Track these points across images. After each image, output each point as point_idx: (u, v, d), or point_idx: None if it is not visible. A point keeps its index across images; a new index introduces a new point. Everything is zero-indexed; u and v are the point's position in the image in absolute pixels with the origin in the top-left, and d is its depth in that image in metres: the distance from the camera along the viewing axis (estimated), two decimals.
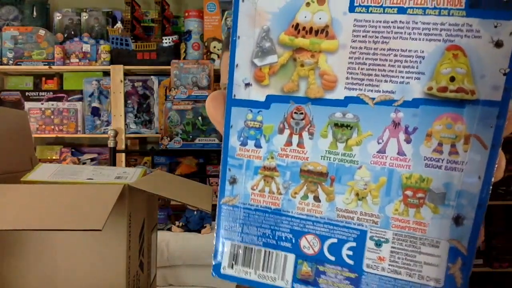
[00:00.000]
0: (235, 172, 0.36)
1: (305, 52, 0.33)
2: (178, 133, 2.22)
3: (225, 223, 0.37)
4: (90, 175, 0.69)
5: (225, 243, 0.36)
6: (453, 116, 0.30)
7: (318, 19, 0.32)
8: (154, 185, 0.69)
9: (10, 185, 0.61)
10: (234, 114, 0.35)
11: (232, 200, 0.36)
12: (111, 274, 0.64)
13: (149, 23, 2.46)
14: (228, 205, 0.37)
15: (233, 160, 0.35)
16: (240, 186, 0.36)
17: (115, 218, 0.62)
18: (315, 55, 0.32)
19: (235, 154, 0.35)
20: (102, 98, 2.37)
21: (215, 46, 2.32)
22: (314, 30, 0.32)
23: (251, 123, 0.34)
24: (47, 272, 0.65)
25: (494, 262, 2.37)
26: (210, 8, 2.31)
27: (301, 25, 0.32)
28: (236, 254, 0.36)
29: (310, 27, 0.32)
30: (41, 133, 2.35)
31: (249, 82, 0.34)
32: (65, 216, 0.54)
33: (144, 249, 0.75)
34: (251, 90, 0.34)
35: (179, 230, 1.65)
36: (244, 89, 0.34)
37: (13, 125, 0.80)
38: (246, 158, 0.35)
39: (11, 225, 0.52)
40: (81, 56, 2.31)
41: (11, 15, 2.45)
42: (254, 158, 0.35)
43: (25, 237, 0.64)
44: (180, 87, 2.25)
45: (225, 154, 0.36)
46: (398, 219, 0.32)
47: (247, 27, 0.35)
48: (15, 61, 2.32)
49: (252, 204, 0.36)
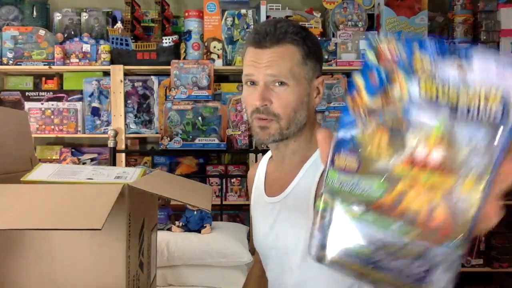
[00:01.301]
0: None
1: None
2: (178, 133, 2.22)
3: None
4: (90, 175, 0.69)
5: None
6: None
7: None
8: (154, 185, 0.69)
9: (10, 185, 0.61)
10: None
11: None
12: (111, 274, 0.64)
13: (149, 23, 2.46)
14: None
15: None
16: None
17: (115, 218, 0.62)
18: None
19: None
20: (102, 98, 2.37)
21: (215, 46, 2.32)
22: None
23: None
24: (47, 271, 0.65)
25: (494, 262, 2.37)
26: (210, 8, 2.31)
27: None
28: None
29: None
30: (41, 133, 2.35)
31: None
32: (65, 216, 0.54)
33: (144, 249, 0.75)
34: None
35: (179, 230, 1.65)
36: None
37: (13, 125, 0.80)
38: None
39: (11, 225, 0.52)
40: (81, 56, 2.31)
41: (11, 15, 2.45)
42: None
43: (25, 237, 0.64)
44: (180, 87, 2.25)
45: None
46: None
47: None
48: (15, 61, 2.32)
49: None
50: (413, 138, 0.33)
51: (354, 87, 0.36)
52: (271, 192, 0.97)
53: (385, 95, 0.35)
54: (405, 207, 0.33)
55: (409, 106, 0.34)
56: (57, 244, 0.64)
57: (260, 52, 0.87)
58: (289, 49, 0.87)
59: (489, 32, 2.38)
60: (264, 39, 0.86)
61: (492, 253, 2.38)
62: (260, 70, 0.86)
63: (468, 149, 0.31)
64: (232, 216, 2.41)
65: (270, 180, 1.01)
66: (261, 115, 0.87)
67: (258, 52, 0.87)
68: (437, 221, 0.32)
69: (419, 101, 0.33)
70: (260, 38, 0.87)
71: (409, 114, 0.33)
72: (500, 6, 2.39)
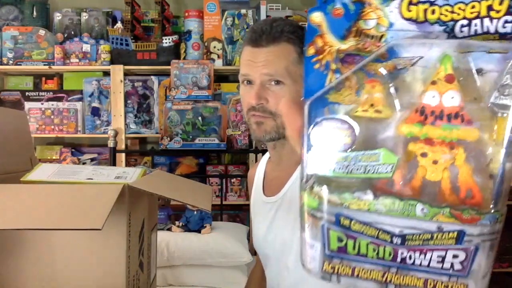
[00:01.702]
0: None
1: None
2: (178, 133, 2.22)
3: None
4: (90, 175, 0.69)
5: None
6: None
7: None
8: (154, 185, 0.69)
9: (10, 185, 0.61)
10: None
11: None
12: (111, 274, 0.64)
13: (149, 23, 2.46)
14: None
15: None
16: None
17: (115, 218, 0.62)
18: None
19: None
20: (102, 98, 2.37)
21: (215, 46, 2.32)
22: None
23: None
24: (47, 271, 0.65)
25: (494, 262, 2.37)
26: (210, 8, 2.31)
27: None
28: None
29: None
30: (41, 133, 2.34)
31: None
32: (65, 216, 0.54)
33: (144, 249, 0.75)
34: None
35: (179, 230, 1.65)
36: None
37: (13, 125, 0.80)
38: None
39: (11, 225, 0.52)
40: (81, 56, 2.31)
41: (11, 15, 2.45)
42: None
43: (25, 237, 0.64)
44: (180, 87, 2.25)
45: None
46: None
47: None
48: (15, 61, 2.32)
49: None
50: (414, 80, 0.26)
51: (314, 31, 0.28)
52: (269, 192, 0.97)
53: (357, 30, 0.27)
54: (422, 179, 0.26)
55: (393, 35, 0.26)
56: (57, 244, 0.64)
57: (257, 51, 0.87)
58: (285, 48, 0.87)
59: None
60: (260, 38, 0.86)
61: None
62: (256, 69, 0.86)
63: (485, 79, 0.25)
64: (232, 216, 2.41)
65: (268, 180, 1.01)
66: (257, 113, 0.87)
67: (254, 51, 0.87)
68: (463, 191, 0.25)
69: (405, 24, 0.26)
70: (257, 37, 0.87)
71: (398, 48, 0.26)
72: None
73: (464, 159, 0.25)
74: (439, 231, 0.26)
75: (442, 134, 0.25)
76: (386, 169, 0.26)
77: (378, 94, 0.27)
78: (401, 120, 0.26)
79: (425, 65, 0.25)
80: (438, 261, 0.27)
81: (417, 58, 0.26)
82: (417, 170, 0.26)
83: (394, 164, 0.26)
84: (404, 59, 0.26)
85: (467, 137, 0.25)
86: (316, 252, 0.29)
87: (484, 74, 0.25)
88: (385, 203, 0.26)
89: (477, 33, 0.26)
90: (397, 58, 0.26)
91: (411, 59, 0.26)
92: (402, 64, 0.26)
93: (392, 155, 0.26)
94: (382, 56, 0.26)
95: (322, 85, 0.28)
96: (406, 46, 0.26)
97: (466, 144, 0.25)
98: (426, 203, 0.26)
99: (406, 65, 0.26)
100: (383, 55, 0.26)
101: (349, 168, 0.27)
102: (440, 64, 0.25)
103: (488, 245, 0.27)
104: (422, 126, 0.26)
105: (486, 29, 0.26)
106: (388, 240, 0.27)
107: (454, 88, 0.25)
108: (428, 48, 0.25)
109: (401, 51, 0.26)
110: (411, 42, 0.26)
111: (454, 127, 0.25)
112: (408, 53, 0.26)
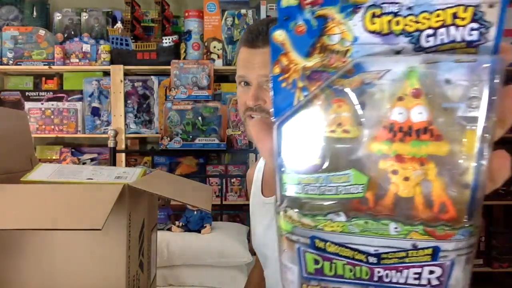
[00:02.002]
0: None
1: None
2: (178, 133, 2.22)
3: None
4: (90, 175, 0.69)
5: None
6: None
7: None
8: (154, 185, 0.69)
9: (10, 185, 0.61)
10: None
11: None
12: (111, 274, 0.64)
13: (149, 23, 2.46)
14: None
15: None
16: None
17: (115, 218, 0.62)
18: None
19: None
20: (102, 98, 2.37)
21: (215, 46, 2.32)
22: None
23: None
24: (47, 271, 0.65)
25: (494, 262, 2.37)
26: (210, 8, 2.31)
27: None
28: None
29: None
30: (41, 133, 2.35)
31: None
32: (65, 216, 0.54)
33: (144, 249, 0.75)
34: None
35: (179, 230, 1.65)
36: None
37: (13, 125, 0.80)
38: None
39: (11, 225, 0.52)
40: (81, 56, 2.31)
41: (11, 15, 2.45)
42: None
43: (25, 237, 0.64)
44: (180, 87, 2.25)
45: None
46: None
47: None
48: (15, 61, 2.32)
49: None
50: (382, 95, 0.25)
51: (278, 50, 0.27)
52: (267, 192, 0.97)
53: (322, 46, 0.27)
54: (394, 197, 0.26)
55: (358, 49, 0.26)
56: (57, 244, 0.64)
57: (253, 52, 0.86)
58: None
59: None
60: (256, 39, 0.86)
61: (492, 253, 2.38)
62: (253, 71, 0.86)
63: (453, 92, 0.24)
64: (232, 216, 2.41)
65: (266, 180, 1.01)
66: (254, 113, 0.87)
67: (251, 52, 0.87)
68: (437, 206, 0.25)
69: (369, 37, 0.26)
70: (253, 37, 0.86)
71: (364, 63, 0.25)
72: None
73: (436, 174, 0.25)
74: (414, 249, 0.26)
75: (412, 151, 0.25)
76: (357, 189, 0.26)
77: (345, 114, 0.26)
78: (370, 138, 0.26)
79: (392, 78, 0.25)
80: (415, 278, 0.26)
81: (384, 71, 0.25)
82: (389, 187, 0.26)
83: (364, 184, 0.26)
84: (371, 73, 0.25)
85: (437, 151, 0.25)
86: (293, 275, 0.29)
87: (453, 86, 0.25)
88: (358, 223, 0.26)
89: (444, 42, 0.25)
90: (364, 73, 0.26)
91: (378, 73, 0.25)
92: (369, 78, 0.26)
93: (362, 175, 0.26)
94: (348, 72, 0.26)
95: (291, 104, 0.28)
96: (372, 61, 0.26)
97: (437, 158, 0.25)
98: (399, 222, 0.26)
99: (373, 79, 0.25)
100: (349, 71, 0.26)
101: (321, 190, 0.27)
102: (406, 79, 0.25)
103: (464, 259, 0.26)
104: (392, 143, 0.25)
105: (453, 38, 0.25)
106: (364, 260, 0.27)
107: (421, 103, 0.25)
108: (394, 61, 0.25)
109: (368, 66, 0.26)
110: (377, 59, 0.26)
111: (423, 143, 0.25)
112: (375, 66, 0.25)
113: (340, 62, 0.26)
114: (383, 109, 0.25)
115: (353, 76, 0.26)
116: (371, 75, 0.26)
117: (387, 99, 0.25)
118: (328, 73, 0.27)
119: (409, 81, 0.25)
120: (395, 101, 0.25)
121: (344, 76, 0.26)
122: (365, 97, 0.26)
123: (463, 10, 0.25)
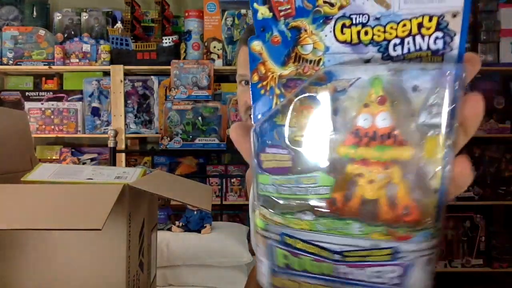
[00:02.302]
0: None
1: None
2: (178, 133, 2.22)
3: None
4: (90, 175, 0.69)
5: None
6: None
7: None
8: (154, 185, 0.69)
9: (10, 185, 0.61)
10: None
11: None
12: (111, 274, 0.64)
13: (149, 23, 2.46)
14: None
15: None
16: None
17: (115, 218, 0.62)
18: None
19: None
20: (102, 98, 2.37)
21: (215, 46, 2.32)
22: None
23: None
24: (47, 272, 0.65)
25: (494, 262, 2.37)
26: (210, 8, 2.31)
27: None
28: None
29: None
30: (41, 133, 2.35)
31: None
32: (65, 216, 0.54)
33: (144, 249, 0.75)
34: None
35: (179, 230, 1.65)
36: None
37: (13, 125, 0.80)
38: None
39: (11, 225, 0.52)
40: (81, 56, 2.31)
41: (11, 15, 2.45)
42: None
43: (25, 237, 0.64)
44: (180, 87, 2.25)
45: None
46: None
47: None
48: (15, 61, 2.32)
49: None
50: (351, 102, 0.27)
51: (256, 59, 0.29)
52: None
53: (296, 56, 0.28)
54: (360, 199, 0.27)
55: (330, 58, 0.27)
56: (57, 244, 0.64)
57: None
58: None
59: (489, 32, 2.38)
60: None
61: (492, 253, 2.38)
62: None
63: (417, 100, 0.25)
64: (232, 216, 2.41)
65: None
66: None
67: None
68: (400, 208, 0.26)
69: (340, 47, 0.27)
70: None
71: (335, 71, 0.27)
72: (500, 6, 2.39)
73: (400, 177, 0.26)
74: (375, 248, 0.27)
75: (376, 155, 0.26)
76: (325, 190, 0.27)
77: (314, 119, 0.28)
78: (338, 142, 0.27)
79: (361, 86, 0.26)
80: (376, 276, 0.28)
81: (354, 79, 0.26)
82: (355, 189, 0.27)
83: (331, 185, 0.27)
84: (343, 81, 0.27)
85: (401, 156, 0.26)
86: (265, 268, 0.31)
87: (419, 93, 0.25)
88: (324, 222, 0.28)
89: (410, 51, 0.26)
90: (337, 80, 0.27)
91: (348, 81, 0.27)
92: (341, 86, 0.27)
93: (328, 177, 0.27)
94: (321, 79, 0.27)
95: (269, 110, 0.29)
96: (342, 69, 0.27)
97: (401, 163, 0.26)
98: (363, 222, 0.27)
99: (344, 86, 0.27)
100: (321, 78, 0.27)
101: (292, 190, 0.28)
102: (371, 87, 0.26)
103: (425, 260, 0.27)
104: (358, 147, 0.27)
105: (419, 47, 0.26)
106: (329, 257, 0.28)
107: (385, 109, 0.26)
108: (363, 70, 0.26)
109: (338, 74, 0.27)
110: (347, 67, 0.27)
111: (387, 148, 0.26)
112: (345, 75, 0.27)
113: (313, 71, 0.28)
114: (350, 115, 0.27)
115: (326, 84, 0.27)
116: (342, 83, 0.27)
117: (355, 106, 0.27)
118: (303, 81, 0.28)
119: (374, 89, 0.26)
120: (362, 108, 0.27)
121: (317, 83, 0.27)
122: (337, 104, 0.27)
123: (428, 19, 0.26)
